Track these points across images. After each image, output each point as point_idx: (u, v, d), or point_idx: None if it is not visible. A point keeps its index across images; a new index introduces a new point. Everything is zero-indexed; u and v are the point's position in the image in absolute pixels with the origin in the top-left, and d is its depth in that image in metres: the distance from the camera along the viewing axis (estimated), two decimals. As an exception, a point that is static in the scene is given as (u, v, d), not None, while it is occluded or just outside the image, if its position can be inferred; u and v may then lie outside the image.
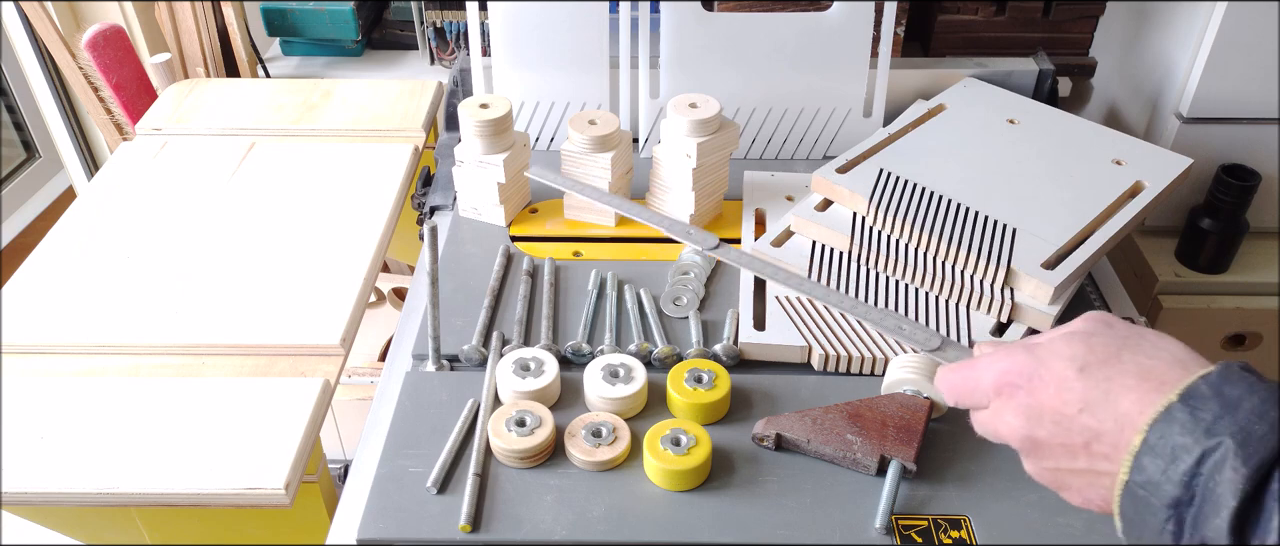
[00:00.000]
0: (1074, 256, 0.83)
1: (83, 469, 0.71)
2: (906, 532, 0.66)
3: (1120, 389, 0.48)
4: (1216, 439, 0.44)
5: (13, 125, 1.70)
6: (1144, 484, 0.46)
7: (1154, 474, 0.45)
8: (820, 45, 1.03)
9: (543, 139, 1.09)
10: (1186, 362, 0.49)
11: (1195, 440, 0.44)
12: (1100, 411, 0.49)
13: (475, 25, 1.05)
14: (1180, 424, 0.45)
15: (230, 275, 0.90)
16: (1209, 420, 0.44)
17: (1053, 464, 0.52)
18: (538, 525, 0.66)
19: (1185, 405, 0.46)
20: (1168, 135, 1.16)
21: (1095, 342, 0.51)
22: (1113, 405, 0.48)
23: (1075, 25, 1.25)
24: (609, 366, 0.75)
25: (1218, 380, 0.46)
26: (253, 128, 1.14)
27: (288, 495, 0.70)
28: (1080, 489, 0.51)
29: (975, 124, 1.01)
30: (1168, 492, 0.45)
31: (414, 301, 0.92)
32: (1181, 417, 0.45)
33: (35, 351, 0.83)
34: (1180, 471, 0.44)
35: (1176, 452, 0.45)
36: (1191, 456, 0.44)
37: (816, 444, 0.70)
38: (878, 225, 0.87)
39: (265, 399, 0.77)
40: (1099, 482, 0.50)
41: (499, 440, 0.70)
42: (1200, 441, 0.44)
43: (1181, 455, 0.44)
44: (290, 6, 1.38)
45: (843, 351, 0.79)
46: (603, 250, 0.94)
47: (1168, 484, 0.45)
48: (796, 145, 1.08)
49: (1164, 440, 0.45)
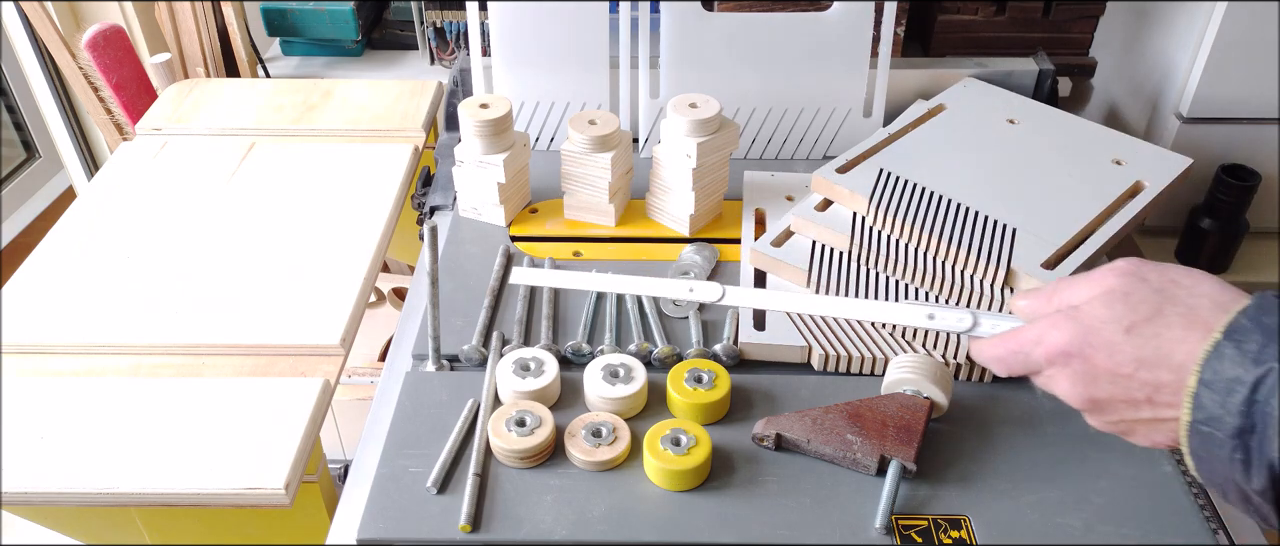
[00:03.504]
0: (1074, 256, 0.83)
1: (83, 469, 0.71)
2: (906, 532, 0.66)
3: (1170, 342, 0.51)
4: (1265, 366, 0.46)
5: (13, 125, 1.70)
6: (1206, 420, 0.49)
7: (1213, 409, 0.48)
8: (820, 45, 1.03)
9: (543, 139, 1.09)
10: (1223, 302, 0.51)
11: (1245, 371, 0.47)
12: (1157, 366, 0.51)
13: (475, 25, 1.05)
14: (1229, 358, 0.48)
15: (230, 275, 0.90)
16: (1255, 350, 0.47)
17: (1117, 417, 0.55)
18: (538, 525, 0.66)
19: (1230, 340, 0.48)
20: (1168, 135, 1.16)
21: (1135, 300, 0.53)
22: (1166, 358, 0.51)
23: (1075, 25, 1.25)
24: (609, 366, 0.75)
25: (1256, 312, 0.49)
26: (253, 128, 1.14)
27: (288, 495, 0.70)
28: (1147, 433, 0.54)
29: (975, 124, 1.01)
30: (1230, 424, 0.47)
31: (414, 301, 0.92)
32: (1229, 352, 0.48)
33: (35, 351, 0.83)
34: (1237, 402, 0.47)
35: (1231, 386, 0.47)
36: (1245, 386, 0.47)
37: (816, 444, 0.70)
38: (878, 225, 0.87)
39: (265, 399, 0.77)
40: (1164, 427, 0.53)
41: (499, 440, 0.70)
42: (1250, 371, 0.47)
43: (1236, 387, 0.47)
44: (290, 6, 1.38)
45: (843, 351, 0.79)
46: (603, 250, 0.94)
47: (1228, 416, 0.47)
48: (796, 145, 1.08)
49: (1218, 375, 0.48)
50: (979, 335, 0.63)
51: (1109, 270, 0.55)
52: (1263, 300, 0.49)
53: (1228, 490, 0.50)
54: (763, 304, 0.71)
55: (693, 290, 0.71)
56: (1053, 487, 0.69)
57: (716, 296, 0.70)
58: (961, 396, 0.76)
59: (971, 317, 0.64)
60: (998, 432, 0.73)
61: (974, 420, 0.74)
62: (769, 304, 0.71)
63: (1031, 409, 0.75)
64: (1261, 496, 0.47)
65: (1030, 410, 0.75)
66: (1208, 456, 0.49)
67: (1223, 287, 0.52)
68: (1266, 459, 0.46)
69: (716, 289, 0.70)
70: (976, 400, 0.76)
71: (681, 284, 0.72)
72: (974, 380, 0.78)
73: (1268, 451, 0.46)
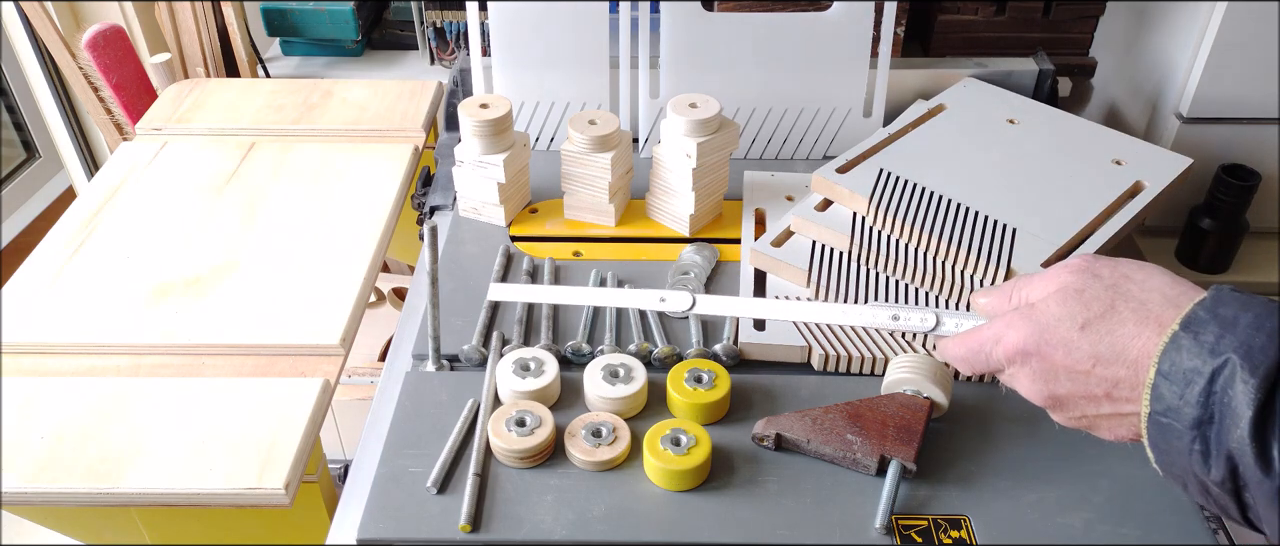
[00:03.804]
0: (1074, 256, 0.83)
1: (83, 469, 0.71)
2: (906, 532, 0.66)
3: (1124, 338, 0.51)
4: (1222, 357, 0.47)
5: (13, 125, 1.69)
6: (1165, 411, 0.49)
7: (1172, 400, 0.48)
8: (820, 45, 1.03)
9: (543, 139, 1.09)
10: (1173, 297, 0.51)
11: (1203, 362, 0.47)
12: (1112, 362, 0.52)
13: (475, 25, 1.05)
14: (1187, 349, 0.48)
15: (230, 275, 0.90)
16: (1212, 341, 0.48)
17: (1079, 413, 0.56)
18: (538, 525, 0.66)
19: (1187, 331, 0.49)
20: (1168, 135, 1.16)
21: (1088, 297, 0.54)
22: (1122, 354, 0.51)
23: (1075, 25, 1.25)
24: (609, 366, 0.75)
25: (1212, 304, 0.49)
26: (253, 128, 1.14)
27: (288, 495, 0.70)
28: (1110, 428, 0.55)
29: (975, 124, 1.01)
30: (1188, 415, 0.48)
31: (414, 301, 0.92)
32: (1187, 344, 0.48)
33: (35, 351, 0.83)
34: (1195, 393, 0.47)
35: (1189, 376, 0.48)
36: (1203, 377, 0.47)
37: (816, 444, 0.70)
38: (878, 225, 0.87)
39: (265, 399, 0.77)
40: (1126, 421, 0.53)
41: (499, 440, 0.70)
42: (1207, 362, 0.47)
43: (1194, 378, 0.48)
44: (290, 6, 1.38)
45: (843, 351, 0.79)
46: (603, 250, 0.94)
47: (1187, 407, 0.48)
48: (796, 145, 1.08)
49: (1175, 367, 0.48)
50: (943, 334, 0.64)
51: (1063, 267, 0.56)
52: (1218, 293, 0.50)
53: (1187, 482, 0.50)
54: (731, 311, 0.71)
55: (664, 300, 0.71)
56: (1053, 487, 0.69)
57: (687, 305, 0.70)
58: (961, 396, 0.76)
59: (934, 317, 0.65)
60: (998, 432, 0.73)
61: (974, 420, 0.74)
62: (737, 311, 0.71)
63: (1031, 408, 0.74)
64: (1220, 487, 0.48)
65: (1030, 410, 0.74)
66: (1167, 447, 0.50)
67: (1174, 281, 0.53)
68: (1225, 449, 0.47)
69: (686, 298, 0.71)
70: (976, 400, 0.76)
71: (653, 294, 0.72)
72: (974, 380, 0.78)
73: (1226, 442, 0.46)
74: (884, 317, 0.66)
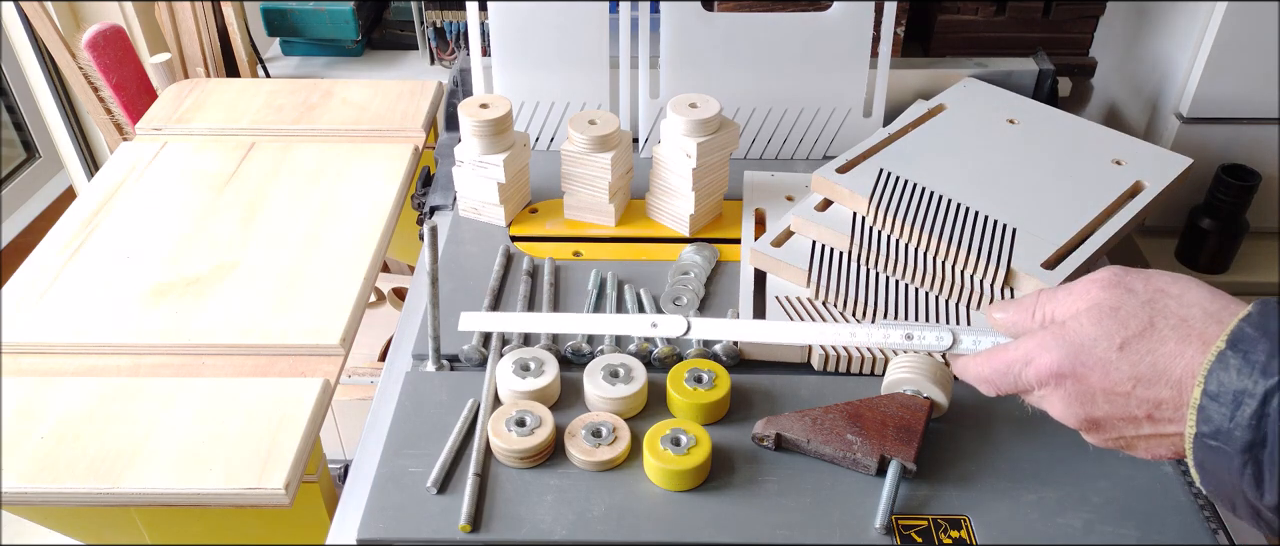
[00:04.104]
0: (1074, 256, 0.83)
1: (83, 469, 0.71)
2: (906, 532, 0.66)
3: (1166, 357, 0.49)
4: (1275, 377, 0.44)
5: (13, 125, 1.69)
6: (1213, 434, 0.46)
7: (1221, 422, 0.46)
8: (820, 45, 1.03)
9: (543, 139, 1.09)
10: (1215, 311, 0.49)
11: (1254, 382, 0.45)
12: (1154, 383, 0.49)
13: (475, 25, 1.05)
14: (1235, 368, 0.46)
15: (230, 275, 0.90)
16: (1263, 360, 0.45)
17: (1116, 434, 0.53)
18: (538, 525, 0.66)
19: (1236, 350, 0.46)
20: (1168, 135, 1.16)
21: (1124, 315, 0.51)
22: (1165, 373, 0.49)
23: (1075, 25, 1.25)
24: (609, 366, 0.75)
25: (1260, 319, 0.47)
26: (253, 128, 1.14)
27: (288, 495, 0.70)
28: (1150, 448, 0.52)
29: (975, 124, 1.01)
30: (1240, 438, 0.45)
31: (414, 301, 0.92)
32: (1235, 362, 0.46)
33: (35, 351, 0.83)
34: (1247, 415, 0.45)
35: (1239, 398, 0.45)
36: (1255, 399, 0.45)
37: (816, 444, 0.70)
38: (878, 225, 0.87)
39: (265, 399, 0.77)
40: (1166, 441, 0.51)
41: (499, 440, 0.70)
42: (1259, 383, 0.45)
43: (1245, 399, 0.45)
44: (290, 6, 1.38)
45: (843, 351, 0.79)
46: (603, 250, 0.94)
47: (1238, 430, 0.45)
48: (796, 145, 1.08)
49: (1224, 387, 0.46)
50: (960, 352, 0.61)
51: (1093, 282, 0.53)
52: (1265, 307, 0.47)
53: (1237, 503, 0.48)
54: (728, 335, 0.70)
55: (656, 325, 0.69)
56: (1053, 487, 0.69)
57: (681, 330, 0.69)
58: (961, 396, 0.75)
59: (951, 335, 0.62)
60: (998, 432, 0.73)
61: (974, 420, 0.74)
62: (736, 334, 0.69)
63: (1032, 408, 0.75)
64: (1274, 511, 0.45)
65: (1030, 410, 0.75)
66: (1215, 470, 0.47)
67: (1212, 295, 0.50)
68: (1279, 474, 0.44)
69: (681, 323, 0.69)
70: (976, 400, 0.75)
71: (645, 320, 0.70)
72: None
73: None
74: (897, 337, 0.63)
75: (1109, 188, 0.91)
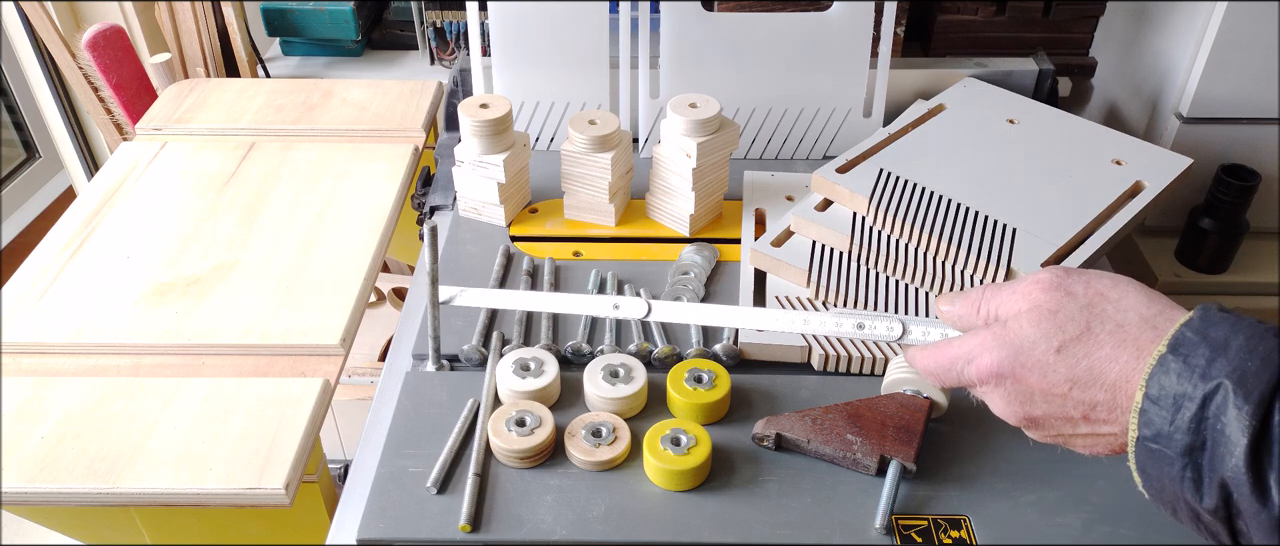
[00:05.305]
0: (1074, 256, 0.83)
1: (82, 469, 0.71)
2: (906, 532, 0.66)
3: (1102, 362, 0.50)
4: (1214, 381, 0.45)
5: (13, 125, 1.69)
6: (1154, 437, 0.47)
7: (1161, 425, 0.47)
8: (820, 45, 1.03)
9: (543, 139, 1.09)
10: (1150, 316, 0.50)
11: (1194, 386, 0.46)
12: (1090, 385, 0.50)
13: (475, 25, 1.05)
14: (1175, 372, 0.46)
15: (230, 275, 0.90)
16: (1203, 364, 0.46)
17: (1055, 432, 0.54)
18: (538, 525, 0.66)
19: (1176, 355, 0.47)
20: (1168, 135, 1.16)
21: (1062, 318, 0.52)
22: (1100, 377, 0.50)
23: (1075, 25, 1.25)
24: (609, 366, 0.75)
25: (1201, 324, 0.48)
26: (253, 128, 1.14)
27: (288, 495, 0.70)
28: (1087, 446, 0.54)
29: (975, 124, 1.01)
30: (1179, 441, 0.46)
31: (414, 301, 0.92)
32: (1175, 366, 0.47)
33: (35, 351, 0.83)
34: (1186, 418, 0.46)
35: (1179, 401, 0.46)
36: (1194, 402, 0.45)
37: (816, 444, 0.70)
38: (878, 225, 0.87)
39: (265, 399, 0.77)
40: (1103, 440, 0.52)
41: (499, 440, 0.70)
42: (1199, 386, 0.45)
43: (1184, 403, 0.46)
44: (290, 6, 1.38)
45: (843, 351, 0.79)
46: (603, 250, 0.94)
47: (1177, 433, 0.46)
48: (796, 145, 1.08)
49: (1164, 391, 0.47)
50: (909, 342, 0.63)
51: (1035, 283, 0.54)
52: (1206, 313, 0.48)
53: (1177, 508, 0.48)
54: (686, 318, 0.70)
55: (618, 307, 0.70)
56: (1052, 487, 0.69)
57: (643, 313, 0.70)
58: (961, 396, 0.75)
59: (901, 326, 0.63)
60: (998, 432, 0.73)
61: (974, 420, 0.74)
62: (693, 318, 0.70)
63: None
64: (1212, 515, 0.46)
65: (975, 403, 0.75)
66: (1156, 473, 0.48)
67: (1150, 299, 0.51)
68: (1218, 477, 0.45)
69: (642, 305, 0.70)
70: (976, 400, 0.75)
71: (606, 300, 0.71)
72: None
73: (1219, 470, 0.45)
74: (849, 326, 0.65)
75: (1109, 188, 0.91)
